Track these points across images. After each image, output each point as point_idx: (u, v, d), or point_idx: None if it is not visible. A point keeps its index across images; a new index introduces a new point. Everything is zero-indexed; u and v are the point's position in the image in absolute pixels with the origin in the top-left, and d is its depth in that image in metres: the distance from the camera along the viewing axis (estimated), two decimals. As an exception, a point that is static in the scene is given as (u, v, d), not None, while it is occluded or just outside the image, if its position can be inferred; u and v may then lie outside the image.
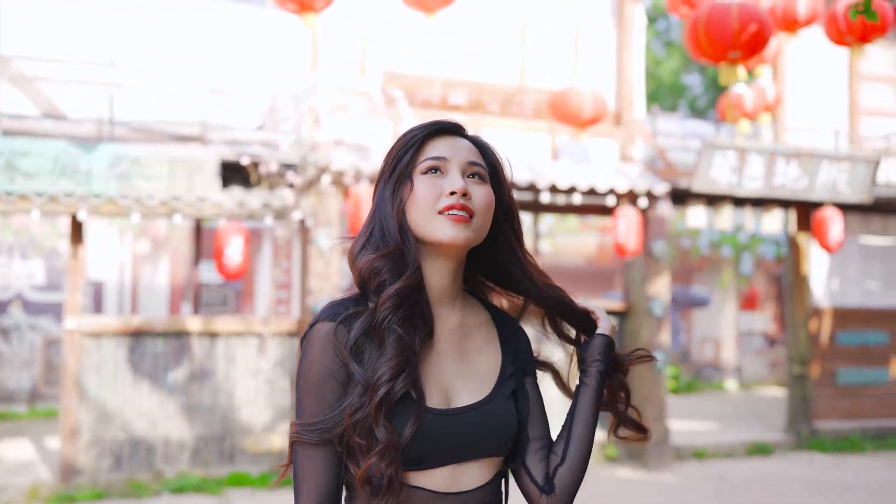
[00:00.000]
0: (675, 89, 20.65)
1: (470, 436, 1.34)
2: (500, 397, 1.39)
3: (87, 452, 6.85)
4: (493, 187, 1.42)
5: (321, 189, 7.22)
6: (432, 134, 1.40)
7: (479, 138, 1.46)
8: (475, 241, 1.36)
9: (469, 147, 1.40)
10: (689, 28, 5.65)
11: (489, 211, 1.37)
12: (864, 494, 7.41)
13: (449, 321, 1.40)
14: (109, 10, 7.65)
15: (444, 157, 1.36)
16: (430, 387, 1.33)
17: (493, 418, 1.37)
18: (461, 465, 1.34)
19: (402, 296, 1.31)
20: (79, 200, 6.56)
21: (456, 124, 1.44)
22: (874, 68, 10.32)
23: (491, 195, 1.38)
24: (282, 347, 7.43)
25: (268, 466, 7.28)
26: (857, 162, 8.96)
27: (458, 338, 1.40)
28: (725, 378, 16.32)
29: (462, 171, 1.36)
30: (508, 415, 1.39)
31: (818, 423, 9.69)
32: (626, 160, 8.82)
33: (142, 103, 7.41)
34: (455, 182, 1.33)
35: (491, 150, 1.45)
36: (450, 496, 1.33)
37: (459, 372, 1.38)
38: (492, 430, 1.36)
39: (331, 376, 1.29)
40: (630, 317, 8.71)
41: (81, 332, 6.85)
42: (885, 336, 10.14)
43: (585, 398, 1.44)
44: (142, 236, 13.24)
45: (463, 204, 1.32)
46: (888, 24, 6.14)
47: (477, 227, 1.35)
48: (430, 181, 1.35)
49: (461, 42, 8.41)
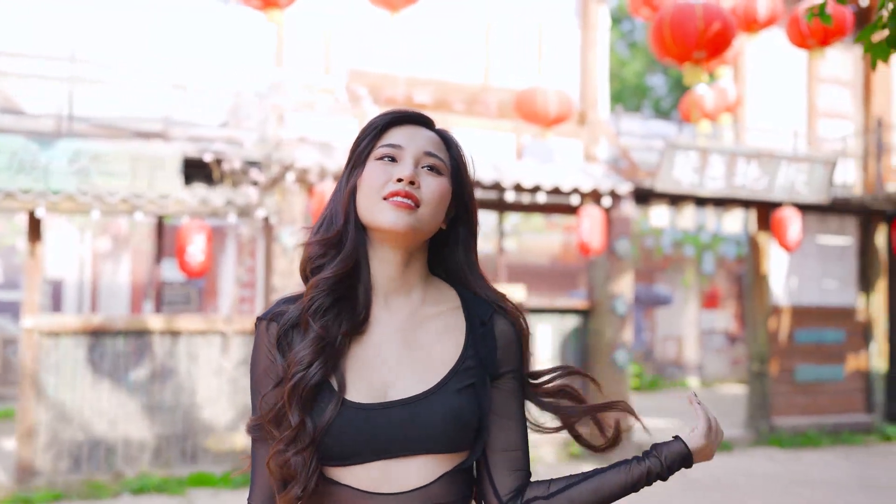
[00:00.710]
0: (638, 90, 20.87)
1: (400, 431, 1.25)
2: (447, 391, 1.28)
3: (45, 453, 6.73)
4: (454, 183, 1.38)
5: (285, 187, 7.18)
6: (395, 122, 1.37)
7: (446, 133, 1.43)
8: (420, 230, 1.30)
9: (430, 138, 1.37)
10: (655, 28, 5.71)
11: (440, 202, 1.33)
12: (821, 488, 7.57)
13: (400, 312, 1.34)
14: (69, 3, 7.53)
15: (400, 145, 1.33)
16: (360, 379, 1.28)
17: (430, 412, 1.26)
18: (392, 462, 1.26)
19: (329, 283, 1.29)
20: (37, 197, 6.44)
21: (422, 116, 1.40)
22: (832, 71, 10.53)
23: (444, 187, 1.33)
24: (245, 346, 7.37)
25: (231, 466, 7.21)
26: (815, 163, 9.13)
27: (407, 329, 1.33)
28: (687, 376, 16.54)
29: (416, 160, 1.33)
30: (454, 409, 1.27)
31: (777, 419, 9.87)
32: (590, 160, 8.89)
33: (102, 99, 7.30)
34: (404, 169, 1.30)
35: (455, 146, 1.41)
36: (380, 496, 1.25)
37: (401, 364, 1.30)
38: (429, 425, 1.26)
39: (265, 373, 1.30)
40: (594, 315, 8.78)
41: (39, 331, 6.73)
42: (841, 334, 10.35)
43: (617, 478, 1.32)
44: (102, 234, 13.04)
45: (407, 192, 1.28)
46: (846, 28, 6.28)
47: (422, 217, 1.30)
48: (381, 167, 1.32)
49: (426, 40, 8.42)
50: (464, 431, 1.28)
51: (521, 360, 1.39)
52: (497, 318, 1.39)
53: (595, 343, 8.74)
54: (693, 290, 17.30)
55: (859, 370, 10.44)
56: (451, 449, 1.28)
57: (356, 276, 1.32)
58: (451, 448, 1.28)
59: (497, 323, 1.39)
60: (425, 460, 1.27)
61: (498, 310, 1.40)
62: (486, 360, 1.35)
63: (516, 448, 1.36)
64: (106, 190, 6.59)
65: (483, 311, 1.39)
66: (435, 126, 1.43)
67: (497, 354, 1.37)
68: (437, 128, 1.43)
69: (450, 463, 1.29)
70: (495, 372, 1.36)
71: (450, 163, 1.38)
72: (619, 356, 8.55)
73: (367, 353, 1.31)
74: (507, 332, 1.39)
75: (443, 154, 1.37)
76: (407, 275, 1.35)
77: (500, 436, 1.35)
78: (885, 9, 2.77)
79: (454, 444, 1.28)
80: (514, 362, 1.38)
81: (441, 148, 1.38)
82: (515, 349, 1.39)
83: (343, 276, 1.31)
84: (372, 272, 1.34)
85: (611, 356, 8.54)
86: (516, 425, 1.36)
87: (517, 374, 1.38)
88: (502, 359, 1.37)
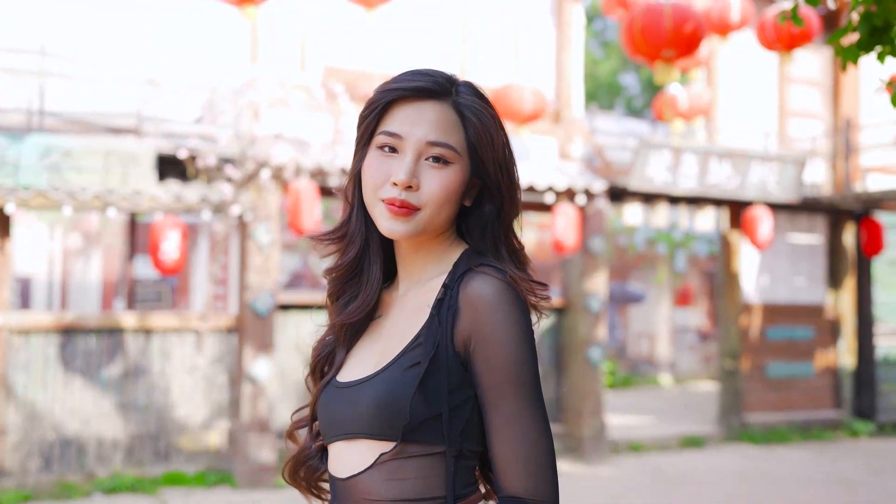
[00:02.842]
0: (611, 89, 21.00)
1: (342, 414, 1.21)
2: (389, 372, 1.17)
3: (14, 453, 6.64)
4: (473, 160, 1.23)
5: (260, 184, 7.14)
6: (399, 98, 1.23)
7: (464, 101, 1.23)
8: (420, 232, 1.21)
9: (437, 120, 1.21)
10: (626, 27, 5.77)
11: (444, 199, 1.20)
12: (791, 484, 7.68)
13: (406, 295, 1.29)
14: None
15: (400, 135, 1.20)
16: (354, 360, 1.28)
17: (364, 395, 1.18)
18: (337, 445, 1.23)
19: (337, 273, 1.32)
20: (6, 193, 6.35)
21: (431, 85, 1.22)
22: (802, 72, 10.68)
23: (450, 180, 1.20)
24: (219, 344, 7.32)
25: (204, 465, 7.16)
26: (786, 162, 9.26)
27: (393, 315, 1.28)
28: (660, 373, 16.69)
29: (418, 153, 1.20)
30: (384, 392, 1.15)
31: (748, 415, 9.99)
32: (564, 158, 8.93)
33: (74, 93, 7.20)
34: (400, 171, 1.19)
35: (473, 117, 1.22)
36: (335, 480, 1.23)
37: (369, 345, 1.27)
38: (361, 408, 1.18)
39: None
40: (568, 312, 8.83)
41: (9, 329, 6.64)
42: (810, 331, 10.51)
43: None
44: (73, 230, 12.88)
45: (402, 200, 1.18)
46: (814, 32, 6.38)
47: (421, 220, 1.20)
48: (380, 160, 1.22)
49: (401, 38, 8.41)
50: (393, 417, 1.14)
51: (493, 333, 1.15)
52: (465, 280, 1.19)
53: (569, 340, 8.80)
54: (666, 287, 17.45)
55: (828, 367, 10.61)
56: (384, 436, 1.15)
57: (365, 260, 1.31)
58: (382, 434, 1.15)
59: (464, 286, 1.18)
60: (362, 445, 1.18)
61: (472, 269, 1.20)
62: (441, 334, 1.17)
63: (494, 446, 1.15)
64: (78, 186, 6.50)
65: (456, 273, 1.21)
66: (451, 89, 1.24)
67: (457, 325, 1.17)
68: (458, 88, 1.25)
69: (384, 450, 1.16)
70: (460, 350, 1.17)
71: (465, 140, 1.22)
72: (594, 353, 8.61)
73: (372, 335, 1.30)
74: (472, 296, 1.17)
75: (454, 136, 1.21)
76: (416, 260, 1.28)
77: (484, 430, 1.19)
78: (857, 11, 2.82)
79: (384, 430, 1.15)
80: (481, 335, 1.15)
81: (452, 128, 1.22)
82: (484, 318, 1.15)
83: (350, 265, 1.30)
84: (382, 255, 1.31)
85: (585, 353, 8.60)
86: (488, 423, 1.16)
87: (485, 351, 1.15)
88: (464, 331, 1.16)
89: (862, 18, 2.89)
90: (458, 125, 1.22)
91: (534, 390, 1.16)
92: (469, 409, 1.17)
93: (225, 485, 7.03)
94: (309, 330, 7.72)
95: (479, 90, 1.27)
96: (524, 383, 1.15)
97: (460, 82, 1.27)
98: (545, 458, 1.14)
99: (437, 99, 1.23)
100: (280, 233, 7.48)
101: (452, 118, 1.22)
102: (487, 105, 1.25)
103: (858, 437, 10.25)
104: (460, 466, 1.17)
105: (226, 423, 7.30)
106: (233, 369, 7.34)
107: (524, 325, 1.17)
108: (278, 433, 7.43)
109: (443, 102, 1.23)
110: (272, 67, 7.47)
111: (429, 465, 1.16)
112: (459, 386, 1.16)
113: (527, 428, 1.14)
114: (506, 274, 1.18)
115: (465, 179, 1.23)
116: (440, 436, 1.15)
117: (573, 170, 8.70)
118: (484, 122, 1.23)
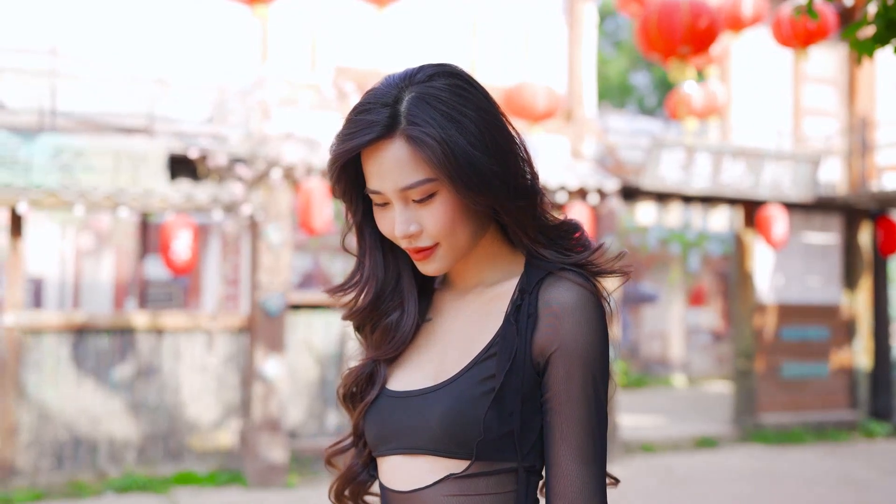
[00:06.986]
0: (622, 88, 20.92)
1: (395, 424, 1.16)
2: (458, 385, 1.11)
3: (27, 453, 6.66)
4: (455, 179, 1.10)
5: (271, 183, 7.13)
6: (352, 158, 1.16)
7: (415, 120, 1.09)
8: (454, 258, 1.16)
9: (395, 166, 1.10)
10: (641, 23, 5.72)
11: (451, 226, 1.12)
12: (804, 485, 7.60)
13: (460, 300, 1.23)
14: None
15: (378, 191, 1.14)
16: (405, 369, 1.21)
17: (431, 409, 1.12)
18: (394, 458, 1.18)
19: (352, 317, 1.30)
20: (18, 193, 6.36)
21: (381, 129, 1.10)
22: (817, 70, 10.58)
23: (446, 208, 1.12)
24: (230, 343, 7.32)
25: (215, 464, 7.16)
26: (800, 161, 9.18)
27: (450, 318, 1.22)
28: (673, 373, 16.60)
29: (402, 201, 1.13)
30: (454, 407, 1.10)
31: (762, 416, 9.91)
32: (576, 157, 8.89)
33: (85, 94, 7.21)
34: (396, 228, 1.14)
35: (430, 145, 1.08)
36: (390, 492, 1.18)
37: (424, 351, 1.21)
38: (428, 420, 1.12)
39: None
40: (580, 312, 8.77)
41: (21, 329, 6.65)
42: (825, 331, 10.41)
43: None
44: (84, 230, 12.93)
45: (416, 248, 1.15)
46: (830, 28, 6.31)
47: (447, 252, 1.15)
48: (381, 215, 1.18)
49: (412, 36, 8.38)
50: (464, 434, 1.09)
51: (575, 343, 1.08)
52: (545, 285, 1.12)
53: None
54: (679, 287, 17.36)
55: (843, 367, 10.50)
56: (451, 453, 1.10)
57: (392, 293, 1.25)
58: (450, 452, 1.10)
59: (544, 291, 1.12)
60: (426, 461, 1.13)
61: (552, 274, 1.13)
62: (518, 343, 1.11)
63: (552, 465, 1.10)
64: (89, 186, 6.51)
65: (533, 278, 1.14)
66: (398, 117, 1.10)
67: (537, 333, 1.10)
68: (403, 106, 1.10)
69: (453, 468, 1.11)
70: (537, 359, 1.10)
71: (437, 165, 1.09)
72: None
73: (421, 343, 1.23)
74: (555, 302, 1.10)
75: (421, 168, 1.10)
76: (468, 268, 1.22)
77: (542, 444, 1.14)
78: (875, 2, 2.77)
79: (451, 447, 1.10)
80: (562, 344, 1.09)
81: (414, 161, 1.10)
82: (567, 327, 1.09)
83: (372, 304, 1.25)
84: (416, 279, 1.26)
85: (597, 353, 8.53)
86: (553, 434, 1.10)
87: (565, 361, 1.08)
88: (544, 340, 1.10)
89: (878, 12, 2.84)
90: (418, 154, 1.09)
91: (602, 411, 1.12)
92: (539, 422, 1.12)
93: (236, 484, 7.03)
94: (320, 329, 7.71)
95: (424, 81, 1.14)
96: (598, 398, 1.11)
97: (404, 95, 1.12)
98: (598, 499, 1.10)
99: (388, 137, 1.11)
100: (291, 232, 7.47)
101: (409, 151, 1.10)
102: (441, 91, 1.12)
103: (874, 438, 10.14)
104: (532, 483, 1.13)
105: (237, 423, 7.30)
106: (244, 369, 7.33)
107: (604, 336, 1.11)
108: (289, 433, 7.42)
109: (394, 139, 1.11)
110: (282, 66, 7.47)
111: (497, 483, 1.11)
112: (531, 396, 1.11)
113: (589, 457, 1.10)
114: (589, 280, 1.12)
115: (459, 196, 1.12)
116: (511, 451, 1.10)
117: (585, 169, 8.65)
118: (438, 128, 1.09)
